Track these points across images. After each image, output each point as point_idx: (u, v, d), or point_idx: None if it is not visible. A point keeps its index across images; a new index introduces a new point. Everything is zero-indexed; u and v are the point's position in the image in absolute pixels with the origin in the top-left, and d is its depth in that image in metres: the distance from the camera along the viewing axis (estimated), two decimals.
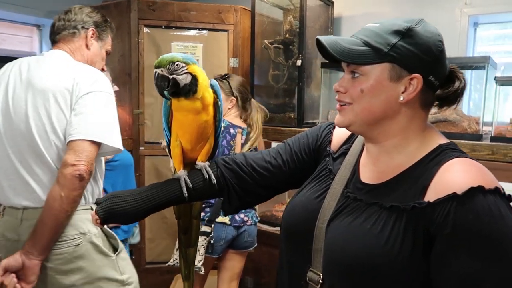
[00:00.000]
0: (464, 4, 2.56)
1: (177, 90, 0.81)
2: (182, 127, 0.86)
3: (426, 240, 0.68)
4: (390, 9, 2.78)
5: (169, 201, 0.88)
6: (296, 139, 0.95)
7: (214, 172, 0.91)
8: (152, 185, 0.90)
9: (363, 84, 0.73)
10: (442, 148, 0.74)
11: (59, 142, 1.29)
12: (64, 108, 1.28)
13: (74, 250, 1.29)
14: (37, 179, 1.29)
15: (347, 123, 0.77)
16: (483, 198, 0.64)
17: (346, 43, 0.73)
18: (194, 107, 0.83)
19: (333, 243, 0.76)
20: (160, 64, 0.81)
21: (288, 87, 2.70)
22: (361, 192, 0.78)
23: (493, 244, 0.63)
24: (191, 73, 0.82)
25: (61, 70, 1.33)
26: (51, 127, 1.28)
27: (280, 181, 0.94)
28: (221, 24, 2.74)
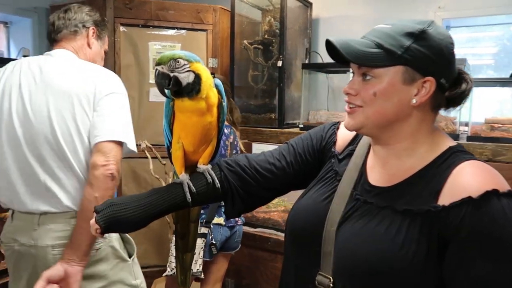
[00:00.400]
0: (438, 8, 2.65)
1: (179, 89, 0.78)
2: (185, 129, 0.83)
3: (441, 244, 0.68)
4: (367, 12, 2.83)
5: (172, 206, 0.85)
6: (300, 140, 0.94)
7: (218, 175, 0.88)
8: (153, 190, 0.86)
9: (376, 87, 0.72)
10: (452, 151, 0.74)
11: (83, 145, 1.27)
12: (88, 110, 1.27)
13: (94, 254, 1.28)
14: (60, 184, 1.27)
15: (358, 125, 0.76)
16: (498, 202, 0.64)
17: (358, 44, 0.72)
18: (199, 108, 0.80)
19: (345, 247, 0.75)
20: (161, 61, 0.78)
21: (268, 87, 2.70)
22: (370, 195, 0.78)
23: (508, 247, 0.63)
24: (194, 71, 0.79)
25: (78, 71, 1.32)
26: (76, 130, 1.26)
27: (284, 183, 0.92)
28: (200, 24, 2.70)
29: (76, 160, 1.27)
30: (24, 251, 1.29)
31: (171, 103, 0.82)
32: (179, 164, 0.85)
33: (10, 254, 1.34)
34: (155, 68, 0.78)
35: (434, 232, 0.68)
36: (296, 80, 2.69)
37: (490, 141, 1.90)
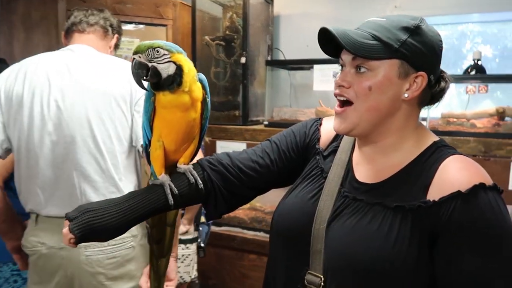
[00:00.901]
0: (394, 7, 2.74)
1: (158, 81, 0.73)
2: (167, 126, 0.77)
3: (431, 240, 0.68)
4: (327, 9, 2.87)
5: (153, 210, 0.79)
6: (283, 137, 0.91)
7: (200, 175, 0.84)
8: (131, 194, 0.80)
9: (371, 80, 0.71)
10: (436, 146, 0.75)
11: (121, 148, 1.24)
12: (126, 112, 1.23)
13: (126, 253, 1.27)
14: (95, 187, 1.23)
15: (350, 127, 0.75)
16: (485, 195, 0.66)
17: (356, 35, 0.70)
18: (182, 102, 0.75)
19: (337, 245, 0.74)
20: (138, 50, 0.72)
21: (231, 84, 2.67)
22: (359, 192, 0.77)
23: (497, 241, 0.65)
24: (175, 62, 0.74)
25: (111, 69, 1.27)
26: (115, 132, 1.22)
27: (267, 181, 0.90)
28: (159, 19, 2.61)
29: (113, 163, 1.24)
30: (53, 254, 1.26)
31: (152, 97, 0.76)
32: (159, 164, 0.80)
33: (36, 259, 1.28)
34: (132, 57, 0.73)
35: (425, 228, 0.69)
36: (259, 77, 2.68)
37: (446, 135, 2.00)
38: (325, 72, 2.24)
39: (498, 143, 1.89)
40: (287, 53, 2.79)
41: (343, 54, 0.75)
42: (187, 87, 0.75)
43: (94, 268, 1.24)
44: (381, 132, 0.76)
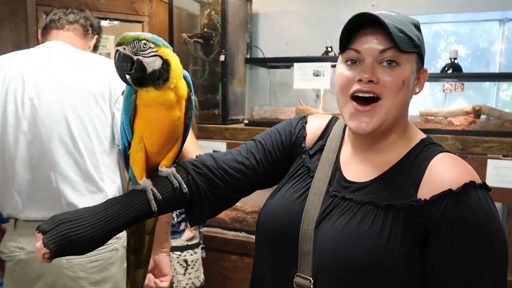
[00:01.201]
0: (372, 6, 2.76)
1: (143, 76, 0.68)
2: (150, 126, 0.72)
3: (422, 238, 0.68)
4: (305, 8, 2.87)
5: (135, 218, 0.74)
6: (268, 136, 0.88)
7: (184, 179, 0.80)
8: (110, 201, 0.74)
9: (403, 73, 0.70)
10: (424, 143, 0.75)
11: (101, 147, 1.19)
12: (105, 110, 1.18)
13: (109, 256, 1.22)
14: (75, 188, 1.17)
15: (378, 125, 0.72)
16: (475, 193, 0.66)
17: (391, 26, 0.68)
18: (167, 100, 0.71)
19: (327, 246, 0.72)
20: (123, 41, 0.67)
21: (210, 83, 2.62)
22: (347, 191, 0.76)
23: (488, 239, 0.65)
24: (161, 56, 0.69)
25: (89, 65, 1.21)
26: (94, 131, 1.17)
27: (253, 182, 0.87)
28: (135, 15, 2.53)
29: (93, 162, 1.19)
30: (32, 259, 1.21)
31: (133, 95, 0.71)
32: (140, 167, 0.75)
33: (13, 265, 1.22)
34: (116, 49, 0.68)
35: (417, 227, 0.68)
36: (238, 75, 2.64)
37: (425, 133, 2.02)
38: (305, 71, 2.22)
39: (475, 141, 1.92)
40: (266, 51, 2.77)
41: (366, 44, 0.71)
42: (173, 83, 0.70)
43: (75, 272, 1.20)
44: (394, 129, 0.75)
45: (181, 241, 1.77)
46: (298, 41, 2.83)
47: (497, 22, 2.75)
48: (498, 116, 2.02)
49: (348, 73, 0.73)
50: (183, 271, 1.83)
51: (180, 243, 1.77)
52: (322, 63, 2.19)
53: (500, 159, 1.90)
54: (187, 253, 1.77)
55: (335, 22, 2.88)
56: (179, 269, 1.81)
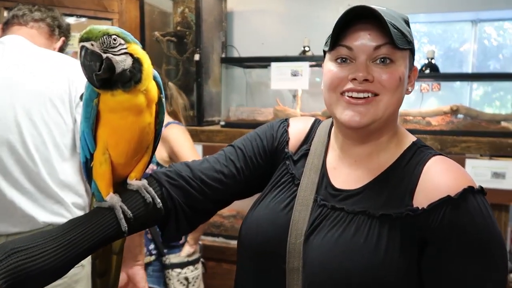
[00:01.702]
0: (348, 6, 2.73)
1: (110, 77, 0.60)
2: (116, 134, 0.63)
3: (420, 247, 0.64)
4: (280, 7, 2.81)
5: (102, 240, 0.65)
6: (248, 141, 0.81)
7: (158, 192, 0.71)
8: (72, 222, 0.64)
9: (398, 70, 0.66)
10: (416, 146, 0.71)
11: (60, 156, 1.08)
12: (65, 114, 1.07)
13: (74, 273, 1.13)
14: (32, 199, 1.07)
15: (371, 120, 0.66)
16: (474, 199, 0.62)
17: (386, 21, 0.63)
18: (137, 104, 0.62)
19: (319, 261, 0.66)
20: (90, 36, 0.58)
21: (184, 83, 2.52)
22: (337, 200, 0.70)
23: (487, 246, 0.61)
24: (132, 54, 0.61)
25: (49, 66, 1.09)
26: (50, 137, 1.06)
27: (233, 192, 0.79)
28: (104, 12, 2.41)
29: (49, 172, 1.08)
30: None
31: (95, 100, 0.62)
32: (106, 182, 0.65)
33: None
34: (81, 45, 0.58)
35: (414, 236, 0.64)
36: (213, 75, 2.56)
37: None
38: (283, 70, 2.16)
39: (453, 140, 1.92)
40: (241, 50, 2.70)
41: (359, 41, 0.65)
42: (145, 85, 0.62)
43: None
44: (385, 130, 0.71)
45: (181, 257, 1.64)
46: (274, 40, 2.77)
47: (469, 23, 2.78)
48: (475, 116, 2.03)
49: (338, 71, 0.67)
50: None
51: (180, 259, 1.64)
52: (300, 63, 2.14)
53: (478, 158, 1.90)
54: (188, 269, 1.65)
55: (311, 21, 2.86)
56: (179, 287, 1.68)
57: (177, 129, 1.64)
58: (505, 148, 1.90)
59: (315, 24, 2.75)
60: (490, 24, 2.79)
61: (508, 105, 2.84)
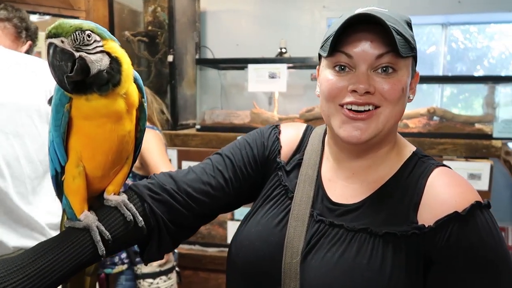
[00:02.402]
0: (323, 7, 2.72)
1: (84, 78, 0.52)
2: (92, 144, 0.55)
3: (426, 266, 0.59)
4: (254, 7, 2.76)
5: (77, 267, 0.56)
6: (237, 150, 0.74)
7: (139, 209, 0.63)
8: (40, 248, 0.55)
9: (401, 80, 0.60)
10: (417, 156, 0.66)
11: (33, 172, 0.97)
12: (40, 126, 0.97)
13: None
14: None
15: (374, 134, 0.61)
16: (482, 216, 0.59)
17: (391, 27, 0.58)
18: (116, 110, 0.54)
19: (319, 283, 0.60)
20: (60, 32, 0.50)
21: (156, 85, 2.42)
22: (334, 215, 0.65)
23: (495, 266, 0.58)
24: (109, 53, 0.53)
25: (22, 73, 0.97)
26: (24, 152, 0.95)
27: (220, 205, 0.72)
28: (69, 10, 2.27)
29: (19, 191, 0.97)
30: None
31: (67, 105, 0.53)
32: (80, 198, 0.57)
33: None
34: (49, 42, 0.50)
35: (420, 255, 0.59)
36: (187, 77, 2.47)
37: None
38: (260, 72, 2.11)
39: (430, 143, 1.92)
40: (215, 51, 2.63)
41: (359, 48, 0.59)
42: (125, 88, 0.54)
43: None
44: (386, 140, 0.66)
45: (153, 267, 1.54)
46: (249, 41, 2.71)
47: (440, 26, 2.83)
48: (451, 118, 2.05)
49: (337, 80, 0.61)
50: None
51: (152, 269, 1.54)
52: (277, 65, 2.09)
53: (455, 160, 1.92)
54: (160, 280, 1.55)
55: (286, 22, 2.82)
56: None
57: (149, 134, 1.54)
58: (480, 150, 1.92)
59: (290, 26, 2.72)
60: (457, 27, 2.86)
61: (474, 107, 2.91)
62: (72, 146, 0.56)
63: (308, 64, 2.23)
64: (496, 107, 2.14)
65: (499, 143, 1.90)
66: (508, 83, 2.17)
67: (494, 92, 2.21)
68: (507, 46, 2.91)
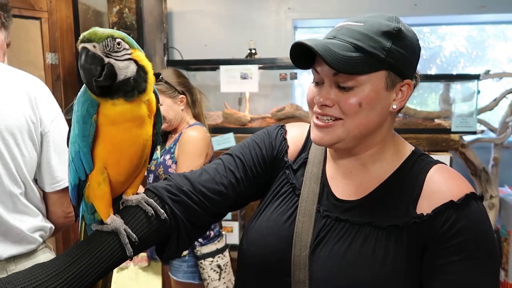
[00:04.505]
0: (288, 9, 2.79)
1: (111, 84, 0.54)
2: (117, 150, 0.57)
3: (423, 252, 0.65)
4: (220, 8, 2.79)
5: (109, 268, 0.59)
6: (247, 150, 0.77)
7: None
8: (75, 253, 0.57)
9: (358, 95, 0.63)
10: (416, 155, 0.71)
11: (15, 188, 0.91)
12: (23, 147, 0.91)
13: None
14: None
15: (335, 140, 0.66)
16: (476, 205, 0.65)
17: (338, 48, 0.61)
18: (139, 115, 0.56)
19: (327, 274, 0.65)
20: (93, 37, 0.52)
21: None
22: (340, 211, 0.69)
23: (488, 251, 0.64)
24: (136, 61, 0.55)
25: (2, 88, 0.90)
26: (4, 169, 0.88)
27: (231, 204, 0.75)
28: (30, 10, 2.18)
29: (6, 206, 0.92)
30: None
31: (95, 116, 0.54)
32: (106, 203, 0.59)
33: None
34: (82, 46, 0.52)
35: (419, 242, 0.65)
36: None
37: None
38: (232, 73, 2.14)
39: None
40: (183, 52, 2.62)
41: (320, 67, 0.64)
42: (149, 95, 0.57)
43: None
44: (366, 145, 0.69)
45: (211, 247, 1.67)
46: (217, 42, 2.73)
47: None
48: (413, 115, 2.19)
49: (312, 92, 0.68)
50: (217, 277, 1.72)
51: (210, 248, 1.67)
52: (249, 66, 2.14)
53: None
54: (219, 258, 1.68)
55: (252, 23, 2.86)
56: (214, 275, 1.70)
57: (198, 137, 1.57)
58: (441, 143, 2.07)
59: (256, 27, 2.77)
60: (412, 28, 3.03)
61: (427, 103, 3.11)
62: (97, 154, 0.57)
63: (277, 65, 2.29)
64: (452, 103, 2.31)
65: (457, 136, 2.06)
66: (461, 81, 2.34)
67: (449, 89, 2.38)
68: (457, 46, 3.13)
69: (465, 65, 3.13)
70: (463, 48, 3.13)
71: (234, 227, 2.25)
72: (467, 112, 2.26)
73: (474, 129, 2.08)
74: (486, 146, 2.49)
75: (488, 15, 2.75)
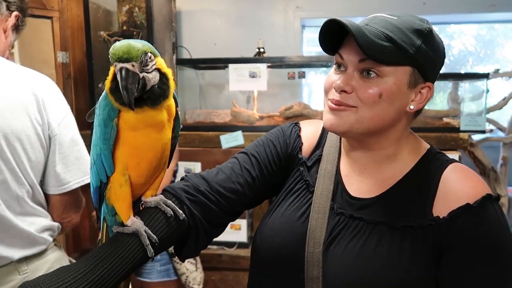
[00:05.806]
0: (296, 8, 2.79)
1: (141, 95, 0.56)
2: (138, 153, 0.59)
3: (439, 257, 0.65)
4: (229, 7, 2.80)
5: (131, 270, 0.61)
6: (261, 148, 0.78)
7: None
8: (98, 255, 0.59)
9: (381, 86, 0.63)
10: (432, 154, 0.71)
11: (23, 192, 0.92)
12: (30, 151, 0.91)
13: None
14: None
15: (346, 127, 0.66)
16: (492, 207, 0.64)
17: (371, 34, 0.61)
18: (160, 121, 0.58)
19: (341, 271, 0.66)
20: (131, 57, 0.53)
21: None
22: (354, 208, 0.70)
23: (505, 255, 0.64)
24: (159, 69, 0.57)
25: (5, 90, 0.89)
26: (11, 174, 0.89)
27: (247, 202, 0.77)
28: (42, 10, 2.21)
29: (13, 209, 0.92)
30: None
31: (116, 120, 0.57)
32: (127, 204, 0.61)
33: None
34: (121, 67, 0.53)
35: (434, 245, 0.65)
36: None
37: None
38: (241, 72, 2.15)
39: None
40: (192, 51, 2.64)
41: (346, 53, 0.65)
42: (170, 100, 0.59)
43: None
44: (379, 141, 0.70)
45: None
46: (226, 41, 2.74)
47: None
48: (422, 113, 2.18)
49: (332, 76, 0.68)
50: (194, 268, 1.80)
51: None
52: (257, 64, 2.15)
53: None
54: None
55: (260, 22, 2.87)
56: (191, 267, 1.79)
57: None
58: (449, 142, 2.07)
59: (264, 26, 2.77)
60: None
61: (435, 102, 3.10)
62: (118, 157, 0.59)
63: (285, 63, 2.30)
64: (461, 102, 2.30)
65: (466, 135, 2.06)
66: (470, 80, 2.34)
67: (458, 88, 2.37)
68: (466, 44, 3.12)
69: (474, 64, 3.12)
70: (472, 47, 3.11)
71: (242, 225, 2.26)
72: (476, 111, 2.26)
73: (483, 128, 2.08)
74: (495, 145, 2.49)
75: (497, 14, 2.73)
